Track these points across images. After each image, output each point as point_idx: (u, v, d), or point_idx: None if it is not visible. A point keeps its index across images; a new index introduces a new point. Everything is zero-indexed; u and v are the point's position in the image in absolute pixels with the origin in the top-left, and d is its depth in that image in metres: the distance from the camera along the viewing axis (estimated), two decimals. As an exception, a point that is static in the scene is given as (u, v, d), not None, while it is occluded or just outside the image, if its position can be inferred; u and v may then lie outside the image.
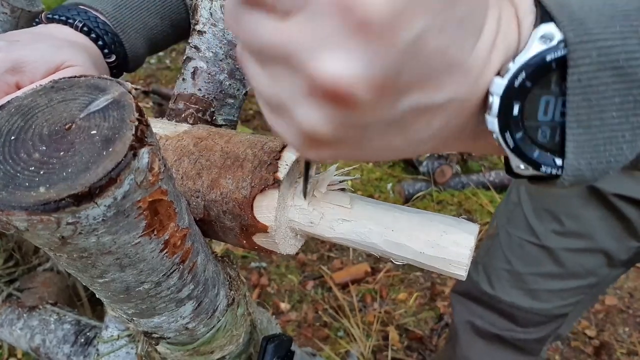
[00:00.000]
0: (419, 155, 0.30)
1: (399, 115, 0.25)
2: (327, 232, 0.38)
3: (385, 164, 2.53)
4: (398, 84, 0.23)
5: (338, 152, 0.28)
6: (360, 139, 0.26)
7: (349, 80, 0.22)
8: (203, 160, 0.39)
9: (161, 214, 0.29)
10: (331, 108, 0.24)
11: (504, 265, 0.98)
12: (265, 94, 0.27)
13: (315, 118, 0.25)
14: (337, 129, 0.25)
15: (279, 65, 0.24)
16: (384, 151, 0.28)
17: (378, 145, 0.27)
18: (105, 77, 0.28)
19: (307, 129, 0.25)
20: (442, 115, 0.26)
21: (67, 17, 0.55)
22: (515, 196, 0.98)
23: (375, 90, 0.22)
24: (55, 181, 0.23)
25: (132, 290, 0.33)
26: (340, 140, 0.26)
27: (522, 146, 0.26)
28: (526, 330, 1.01)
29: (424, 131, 0.26)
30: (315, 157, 0.28)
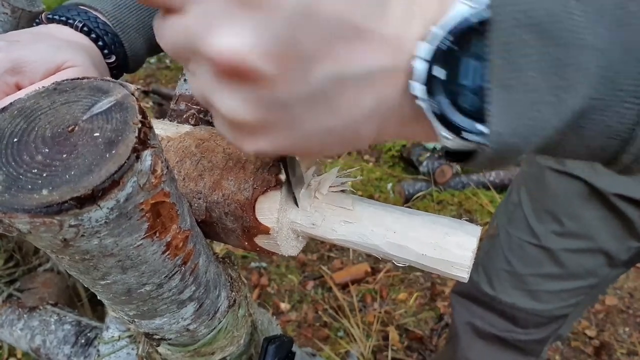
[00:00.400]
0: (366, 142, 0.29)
1: (316, 88, 0.25)
2: (328, 233, 0.38)
3: (385, 164, 2.53)
4: (298, 52, 0.23)
5: (274, 140, 0.28)
6: (289, 121, 0.26)
7: (243, 53, 0.23)
8: (205, 161, 0.39)
9: (163, 216, 0.29)
10: (240, 86, 0.25)
11: (504, 266, 0.98)
12: (196, 93, 0.28)
13: (231, 102, 0.26)
14: (256, 109, 0.25)
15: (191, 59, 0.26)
16: (322, 135, 0.27)
17: (312, 127, 0.27)
18: (108, 79, 0.28)
19: (229, 115, 0.26)
20: (370, 89, 0.25)
21: (67, 18, 0.55)
22: (515, 197, 0.98)
23: (272, 59, 0.23)
24: (58, 184, 0.23)
25: (133, 292, 0.33)
26: (268, 124, 0.26)
27: (444, 110, 0.25)
28: (526, 331, 1.01)
29: (356, 109, 0.26)
30: (255, 148, 0.28)
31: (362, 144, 0.30)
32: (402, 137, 0.31)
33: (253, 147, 0.28)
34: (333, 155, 0.38)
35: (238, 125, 0.27)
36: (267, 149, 0.28)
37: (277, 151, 0.29)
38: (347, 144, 0.29)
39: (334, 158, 2.53)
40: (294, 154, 0.30)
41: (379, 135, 0.29)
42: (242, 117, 0.26)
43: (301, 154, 0.30)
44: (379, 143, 0.36)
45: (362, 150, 2.67)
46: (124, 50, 0.60)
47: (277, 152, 0.29)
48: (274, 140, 0.28)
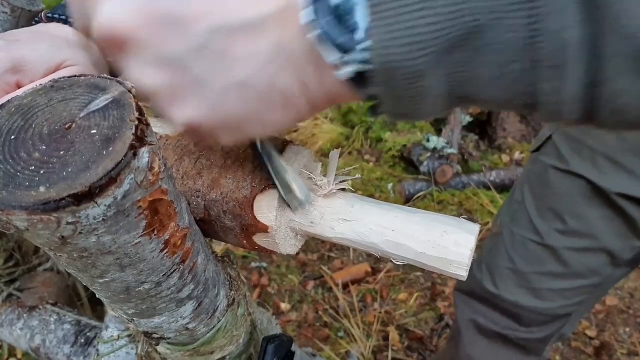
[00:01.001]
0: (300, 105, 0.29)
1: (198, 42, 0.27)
2: (327, 231, 0.38)
3: (385, 164, 2.53)
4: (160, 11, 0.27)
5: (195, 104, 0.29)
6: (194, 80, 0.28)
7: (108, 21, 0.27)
8: (203, 159, 0.39)
9: (161, 213, 0.29)
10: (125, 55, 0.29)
11: (507, 264, 0.98)
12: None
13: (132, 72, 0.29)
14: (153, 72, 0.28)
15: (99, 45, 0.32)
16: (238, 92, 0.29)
17: (221, 83, 0.28)
18: (105, 76, 0.28)
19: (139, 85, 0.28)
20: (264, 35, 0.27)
21: (67, 16, 0.55)
22: (519, 195, 0.98)
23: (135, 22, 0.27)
24: (55, 180, 0.23)
25: (132, 290, 0.33)
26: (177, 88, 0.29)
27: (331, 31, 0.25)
28: (529, 330, 1.00)
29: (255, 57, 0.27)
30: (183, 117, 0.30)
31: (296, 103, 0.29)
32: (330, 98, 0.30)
33: (180, 115, 0.30)
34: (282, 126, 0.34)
35: (155, 96, 0.30)
36: (195, 116, 0.30)
37: (205, 118, 0.30)
38: (277, 104, 0.29)
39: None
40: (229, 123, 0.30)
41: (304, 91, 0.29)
42: (147, 83, 0.29)
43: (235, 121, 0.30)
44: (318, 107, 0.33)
45: (362, 150, 2.68)
46: None
47: (206, 119, 0.30)
48: (195, 105, 0.29)
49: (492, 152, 2.68)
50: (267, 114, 0.30)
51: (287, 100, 0.29)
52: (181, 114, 0.30)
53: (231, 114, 0.30)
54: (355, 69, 0.26)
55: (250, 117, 0.30)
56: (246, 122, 0.30)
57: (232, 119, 0.30)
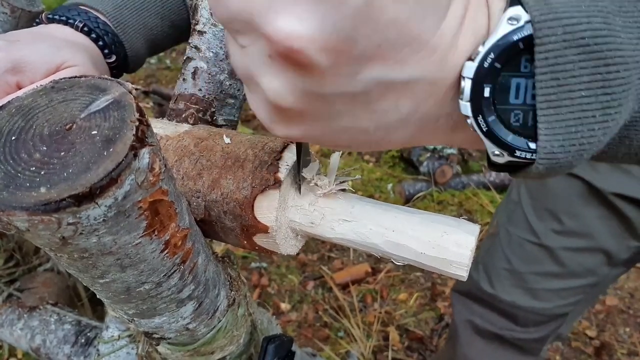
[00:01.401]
0: (395, 146, 0.30)
1: (361, 87, 0.25)
2: (327, 232, 0.38)
3: (385, 164, 2.53)
4: (354, 49, 0.23)
5: (307, 129, 0.28)
6: (327, 113, 0.27)
7: (301, 39, 0.23)
8: (204, 160, 0.39)
9: (162, 214, 0.29)
10: (290, 72, 0.25)
11: (504, 264, 0.98)
12: (239, 66, 0.28)
13: (278, 84, 0.26)
14: (299, 97, 0.26)
15: (245, 32, 0.25)
16: (354, 134, 0.28)
17: (347, 124, 0.27)
18: (105, 77, 0.28)
19: (272, 97, 0.26)
20: (410, 96, 0.26)
21: (67, 17, 0.55)
22: (515, 195, 0.98)
23: (329, 53, 0.23)
24: (56, 181, 0.23)
25: (132, 291, 0.33)
26: (306, 112, 0.27)
27: (495, 130, 0.26)
28: (526, 330, 1.01)
29: (393, 113, 0.27)
30: (286, 133, 0.29)
31: (390, 147, 0.30)
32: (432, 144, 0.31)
33: (284, 132, 0.29)
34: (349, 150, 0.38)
35: (276, 109, 0.27)
36: (297, 136, 0.29)
37: (305, 140, 0.29)
38: (375, 145, 0.30)
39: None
40: (319, 144, 0.31)
41: (409, 141, 0.30)
42: (284, 102, 0.26)
43: (327, 146, 0.31)
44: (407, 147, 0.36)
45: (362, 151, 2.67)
46: (124, 51, 0.60)
47: (305, 140, 0.29)
48: (307, 130, 0.28)
49: (492, 153, 2.67)
50: (360, 148, 0.30)
51: (388, 145, 0.30)
52: (286, 131, 0.28)
53: (331, 144, 0.29)
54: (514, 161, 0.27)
55: (344, 147, 0.30)
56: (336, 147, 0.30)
57: (327, 144, 0.30)
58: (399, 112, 0.27)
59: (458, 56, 0.25)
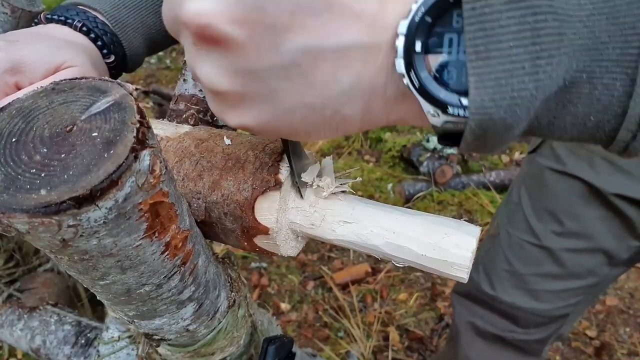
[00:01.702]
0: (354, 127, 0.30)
1: (288, 59, 0.25)
2: (328, 234, 0.38)
3: (385, 164, 2.53)
4: (265, 18, 0.24)
5: (255, 113, 0.28)
6: (267, 94, 0.27)
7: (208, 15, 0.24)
8: (204, 161, 0.39)
9: (162, 216, 0.29)
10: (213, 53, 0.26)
11: (504, 265, 0.98)
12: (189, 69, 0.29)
13: (207, 69, 0.27)
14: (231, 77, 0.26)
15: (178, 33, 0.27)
16: (303, 112, 0.28)
17: (291, 102, 0.27)
18: (106, 78, 0.28)
19: (207, 84, 0.27)
20: (346, 64, 0.26)
21: (66, 17, 0.55)
22: (515, 196, 0.98)
23: (240, 24, 0.24)
24: (56, 183, 0.23)
25: (133, 293, 0.33)
26: (245, 94, 0.27)
27: (427, 86, 0.26)
28: (527, 331, 1.00)
29: (334, 84, 0.27)
30: (238, 122, 0.29)
31: (350, 127, 0.30)
32: (390, 122, 0.30)
33: (236, 120, 0.29)
34: (323, 139, 0.37)
35: (219, 96, 0.28)
36: (250, 123, 0.29)
37: (261, 127, 0.29)
38: (333, 126, 0.29)
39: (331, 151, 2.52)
40: (279, 133, 0.30)
41: (365, 118, 0.29)
42: (219, 85, 0.27)
43: (287, 133, 0.30)
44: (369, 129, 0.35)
45: (362, 151, 2.67)
46: (123, 50, 0.60)
47: (260, 127, 0.29)
48: (256, 115, 0.28)
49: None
50: (320, 132, 0.30)
51: (345, 125, 0.29)
52: (239, 118, 0.29)
53: (286, 127, 0.30)
54: (447, 119, 0.26)
55: (302, 131, 0.30)
56: (296, 133, 0.30)
57: (285, 130, 0.30)
58: (341, 82, 0.27)
59: (391, 17, 0.25)
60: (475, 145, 0.27)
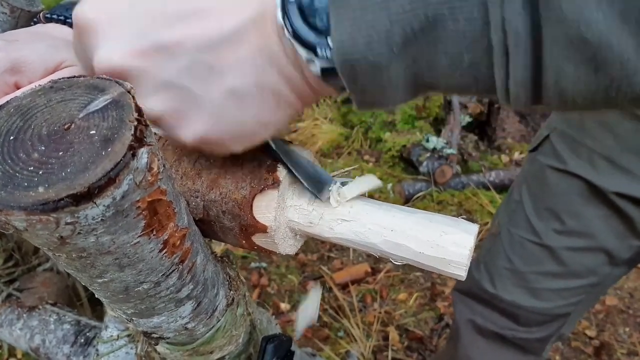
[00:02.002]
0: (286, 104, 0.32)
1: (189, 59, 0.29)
2: (326, 232, 0.38)
3: (385, 164, 2.53)
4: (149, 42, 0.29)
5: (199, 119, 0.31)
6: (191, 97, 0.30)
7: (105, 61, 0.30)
8: (202, 160, 0.39)
9: (160, 213, 0.29)
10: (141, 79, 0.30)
11: (505, 264, 0.98)
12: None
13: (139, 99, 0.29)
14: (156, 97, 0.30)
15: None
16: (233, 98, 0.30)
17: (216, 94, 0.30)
18: (104, 77, 0.28)
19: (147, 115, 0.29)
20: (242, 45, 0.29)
21: (65, 17, 0.55)
22: (517, 195, 0.98)
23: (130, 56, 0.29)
24: (54, 181, 0.23)
25: (131, 290, 0.33)
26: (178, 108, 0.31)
27: (299, 30, 0.27)
28: (528, 330, 1.00)
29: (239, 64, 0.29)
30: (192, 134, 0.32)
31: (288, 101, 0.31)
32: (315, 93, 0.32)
33: (188, 136, 0.32)
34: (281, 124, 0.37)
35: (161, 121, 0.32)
36: (200, 133, 0.31)
37: (214, 130, 0.31)
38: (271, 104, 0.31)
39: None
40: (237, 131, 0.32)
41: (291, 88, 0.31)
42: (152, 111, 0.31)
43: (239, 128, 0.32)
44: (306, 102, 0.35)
45: (362, 150, 2.67)
46: None
47: (214, 132, 0.31)
48: (197, 122, 0.31)
49: (491, 153, 2.68)
50: (265, 114, 0.31)
51: (280, 99, 0.31)
52: (189, 132, 0.32)
53: (233, 121, 0.31)
54: (322, 65, 0.28)
55: (251, 121, 0.31)
56: (248, 126, 0.32)
57: (235, 126, 0.32)
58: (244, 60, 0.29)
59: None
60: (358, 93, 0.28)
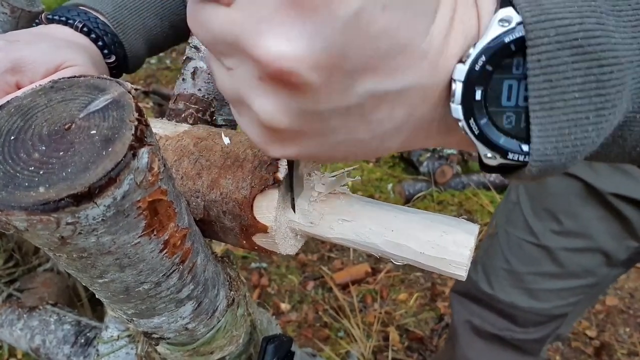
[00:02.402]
0: (389, 152, 0.30)
1: (355, 102, 0.24)
2: (327, 232, 0.38)
3: (385, 164, 2.53)
4: (345, 64, 0.23)
5: (303, 147, 0.27)
6: (323, 130, 0.26)
7: (291, 60, 0.22)
8: (203, 160, 0.39)
9: (161, 214, 0.29)
10: (283, 92, 0.24)
11: (503, 264, 0.98)
12: (226, 89, 0.27)
13: (270, 106, 0.25)
14: (294, 117, 0.25)
15: (232, 55, 0.25)
16: (350, 146, 0.27)
17: (343, 138, 0.27)
18: (104, 77, 0.28)
19: (265, 119, 0.25)
20: (404, 104, 0.25)
21: (67, 18, 0.55)
22: (514, 196, 0.98)
23: (320, 70, 0.22)
24: (54, 181, 0.23)
25: (131, 291, 0.33)
26: (301, 131, 0.26)
27: (487, 132, 0.26)
28: (525, 330, 1.01)
29: (387, 122, 0.26)
30: (281, 154, 0.28)
31: (384, 154, 0.30)
32: (426, 147, 0.31)
33: (280, 153, 0.28)
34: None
35: (271, 131, 0.26)
36: (293, 155, 0.28)
37: (302, 157, 0.28)
38: (371, 154, 0.29)
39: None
40: (315, 160, 0.30)
41: (405, 146, 0.29)
42: (278, 123, 0.25)
43: (323, 161, 0.30)
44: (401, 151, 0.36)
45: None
46: (124, 51, 0.60)
47: (301, 157, 0.28)
48: (303, 149, 0.27)
49: (492, 153, 2.67)
50: (357, 158, 0.29)
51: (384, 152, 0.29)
52: (281, 152, 0.28)
53: (327, 158, 0.29)
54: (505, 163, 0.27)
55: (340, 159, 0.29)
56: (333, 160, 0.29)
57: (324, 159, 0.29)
58: (394, 120, 0.26)
59: (449, 59, 0.25)
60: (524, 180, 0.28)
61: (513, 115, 0.25)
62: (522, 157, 0.26)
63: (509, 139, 0.26)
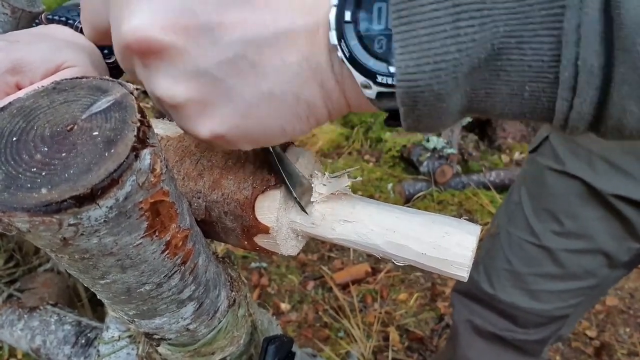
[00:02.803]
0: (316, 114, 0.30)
1: (233, 52, 0.27)
2: (328, 233, 0.38)
3: (385, 164, 2.53)
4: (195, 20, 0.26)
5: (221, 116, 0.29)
6: (224, 92, 0.28)
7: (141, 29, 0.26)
8: (204, 160, 0.39)
9: (163, 215, 0.29)
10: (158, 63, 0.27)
11: (504, 265, 0.98)
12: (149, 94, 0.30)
13: (162, 84, 0.28)
14: (184, 83, 0.27)
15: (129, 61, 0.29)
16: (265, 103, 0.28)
17: (249, 95, 0.28)
18: (107, 78, 0.28)
19: (166, 97, 0.28)
20: (291, 48, 0.27)
21: (67, 18, 0.55)
22: (516, 196, 0.98)
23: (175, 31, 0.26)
24: (57, 182, 0.23)
25: (133, 292, 0.33)
26: (204, 99, 0.28)
27: (356, 54, 0.26)
28: (526, 331, 1.01)
29: (284, 69, 0.27)
30: (209, 130, 0.29)
31: (318, 114, 0.30)
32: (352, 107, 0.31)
33: (206, 129, 0.30)
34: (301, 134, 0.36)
35: (181, 109, 0.29)
36: (220, 129, 0.29)
37: (232, 131, 0.29)
38: (301, 115, 0.30)
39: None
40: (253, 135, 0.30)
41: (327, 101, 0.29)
42: (176, 96, 0.28)
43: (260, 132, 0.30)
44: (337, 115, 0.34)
45: (362, 150, 2.67)
46: None
47: (232, 132, 0.29)
48: (222, 118, 0.29)
49: (492, 153, 2.68)
50: (292, 123, 0.30)
51: (311, 110, 0.30)
52: (208, 126, 0.29)
53: (257, 125, 0.30)
54: (381, 90, 0.27)
55: (276, 127, 0.30)
56: (270, 131, 0.30)
57: (259, 127, 0.30)
58: (290, 65, 0.27)
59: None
60: (413, 120, 0.27)
61: (384, 39, 0.25)
62: (389, 79, 0.26)
63: (378, 62, 0.26)
